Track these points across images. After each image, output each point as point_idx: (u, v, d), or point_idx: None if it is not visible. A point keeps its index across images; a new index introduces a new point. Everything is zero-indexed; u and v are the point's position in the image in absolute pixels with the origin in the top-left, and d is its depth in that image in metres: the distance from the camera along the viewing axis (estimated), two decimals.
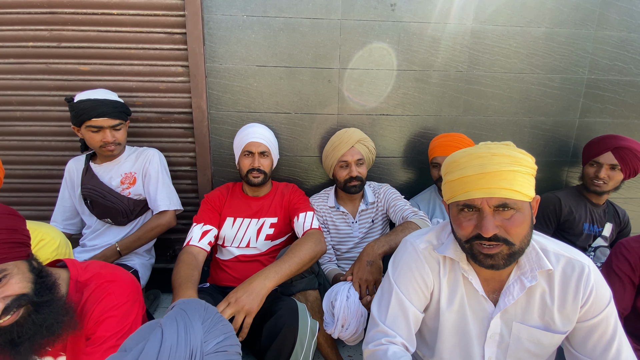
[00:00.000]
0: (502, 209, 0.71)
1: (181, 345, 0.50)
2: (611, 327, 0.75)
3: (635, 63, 1.79)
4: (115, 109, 1.42)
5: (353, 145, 1.54)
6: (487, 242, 0.72)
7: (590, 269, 0.77)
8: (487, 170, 0.71)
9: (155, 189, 1.54)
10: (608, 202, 1.74)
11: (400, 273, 0.87)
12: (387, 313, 0.84)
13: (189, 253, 1.30)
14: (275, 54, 1.66)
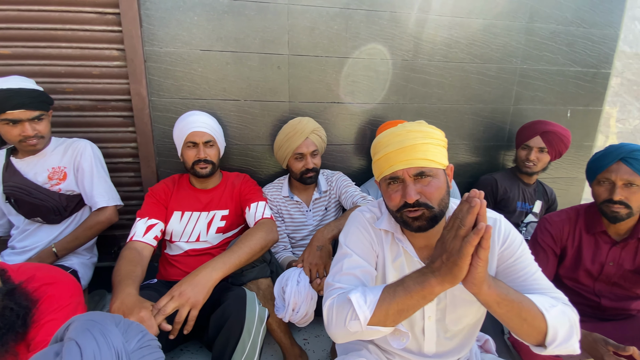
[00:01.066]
0: (421, 177, 0.81)
1: (104, 350, 0.48)
2: (529, 261, 0.85)
3: (562, 53, 1.96)
4: (33, 98, 1.28)
5: (308, 137, 1.52)
6: (412, 207, 0.80)
7: (500, 221, 0.88)
8: (405, 145, 0.81)
9: (91, 184, 1.43)
10: (538, 182, 1.92)
11: (350, 238, 0.94)
12: (341, 274, 0.88)
13: (132, 249, 1.23)
14: (221, 37, 1.59)
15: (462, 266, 0.63)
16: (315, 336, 1.49)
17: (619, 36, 1.99)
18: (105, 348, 0.48)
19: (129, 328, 0.52)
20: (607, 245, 1.27)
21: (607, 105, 2.12)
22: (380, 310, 0.74)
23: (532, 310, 0.70)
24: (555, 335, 0.71)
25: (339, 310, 0.79)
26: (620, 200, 1.16)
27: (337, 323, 0.79)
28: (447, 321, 0.91)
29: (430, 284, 0.68)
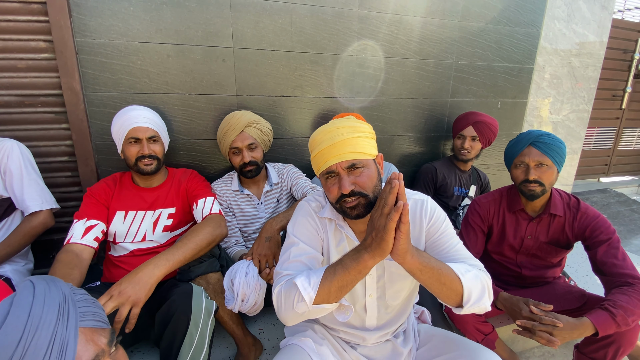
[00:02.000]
0: (352, 168, 0.88)
1: (53, 290, 0.52)
2: (451, 235, 0.96)
3: (491, 50, 2.14)
4: None
5: (243, 130, 1.51)
6: (349, 198, 0.87)
7: (427, 202, 0.99)
8: (335, 141, 0.87)
9: (21, 187, 1.33)
10: (473, 168, 2.10)
11: (297, 227, 0.99)
12: (289, 262, 0.93)
13: (69, 252, 1.18)
14: (160, 29, 1.54)
15: (388, 240, 0.71)
16: (271, 325, 1.53)
17: (541, 34, 2.22)
18: (54, 289, 0.52)
19: (74, 288, 0.57)
20: (525, 222, 1.44)
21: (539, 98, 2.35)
22: (323, 289, 0.80)
23: (450, 275, 0.81)
24: (470, 296, 0.82)
25: (286, 295, 0.84)
26: (535, 179, 1.32)
27: (286, 307, 0.84)
28: (387, 297, 1.00)
29: (364, 259, 0.76)
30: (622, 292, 1.14)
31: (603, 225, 1.30)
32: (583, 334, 1.11)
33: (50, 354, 0.47)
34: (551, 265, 1.48)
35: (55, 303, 0.51)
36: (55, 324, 0.49)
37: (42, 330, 0.48)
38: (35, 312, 0.48)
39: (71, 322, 0.51)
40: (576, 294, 1.37)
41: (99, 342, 0.53)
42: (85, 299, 0.56)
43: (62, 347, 0.49)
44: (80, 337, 0.51)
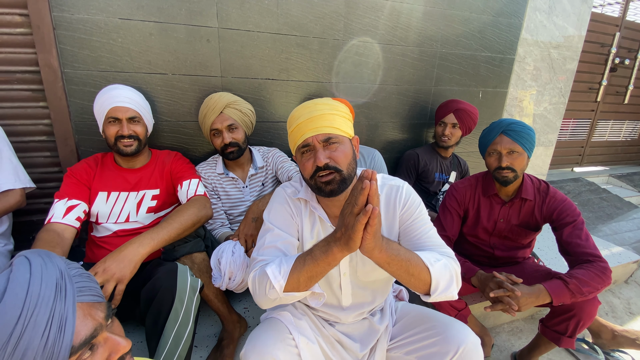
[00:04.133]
0: (328, 143, 0.91)
1: (49, 265, 0.52)
2: (425, 221, 1.00)
3: (474, 39, 2.18)
4: None
5: (222, 112, 1.51)
6: (323, 172, 0.90)
7: (403, 187, 1.02)
8: (313, 115, 0.91)
9: None
10: (454, 155, 2.16)
11: (272, 213, 1.02)
12: (264, 248, 0.95)
13: (50, 231, 1.17)
14: (142, 6, 1.49)
15: (355, 239, 0.71)
16: (255, 304, 1.57)
17: (522, 25, 2.27)
18: (50, 265, 0.52)
19: (69, 262, 0.57)
20: (498, 206, 1.52)
21: (519, 88, 2.42)
22: (292, 278, 0.82)
23: (419, 265, 0.82)
24: (437, 286, 0.84)
25: (259, 281, 0.86)
26: (507, 166, 1.39)
27: (260, 293, 0.87)
28: (359, 275, 1.04)
29: (333, 252, 0.77)
30: (580, 267, 1.24)
31: (569, 208, 1.39)
32: (539, 301, 1.20)
33: (50, 331, 0.47)
34: (521, 246, 1.57)
35: (53, 279, 0.51)
36: (54, 300, 0.49)
37: (40, 307, 0.47)
38: (33, 289, 0.48)
39: (69, 297, 0.51)
40: (543, 272, 1.47)
41: (96, 316, 0.53)
42: (81, 274, 0.56)
43: (61, 323, 0.49)
44: (78, 312, 0.51)
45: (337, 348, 1.09)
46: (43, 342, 0.46)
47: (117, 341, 0.55)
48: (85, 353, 0.51)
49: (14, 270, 0.50)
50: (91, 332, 0.51)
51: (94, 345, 0.53)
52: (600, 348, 1.63)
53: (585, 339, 1.69)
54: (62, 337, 0.48)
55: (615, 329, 1.63)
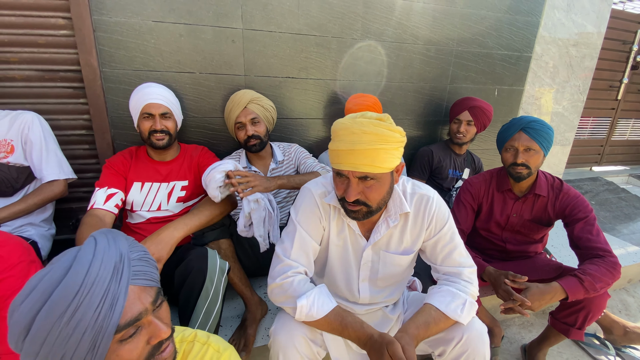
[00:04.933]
0: (364, 179, 0.89)
1: (112, 247, 0.58)
2: (449, 236, 1.05)
3: (490, 37, 2.20)
4: None
5: (245, 106, 1.61)
6: (350, 205, 0.92)
7: (433, 199, 1.05)
8: (355, 148, 0.85)
9: (40, 157, 1.42)
10: (468, 152, 2.20)
11: (301, 214, 1.04)
12: (292, 249, 1.01)
13: (93, 216, 1.29)
14: (173, 9, 1.60)
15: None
16: None
17: (540, 23, 2.28)
18: (114, 247, 0.58)
19: (135, 245, 0.63)
20: (512, 201, 1.56)
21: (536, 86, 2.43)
22: (315, 323, 0.94)
23: (447, 322, 0.98)
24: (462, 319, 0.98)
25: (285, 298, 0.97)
26: (522, 163, 1.42)
27: (279, 299, 0.98)
28: (378, 280, 1.11)
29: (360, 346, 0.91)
30: (592, 263, 1.27)
31: (582, 205, 1.42)
32: (554, 298, 1.24)
33: (102, 308, 0.52)
34: (533, 241, 1.60)
35: (112, 262, 0.56)
36: (110, 281, 0.54)
37: (96, 287, 0.52)
38: (92, 269, 0.53)
39: (124, 280, 0.56)
40: (553, 266, 1.50)
41: (144, 300, 0.58)
42: (141, 258, 0.61)
43: (113, 302, 0.53)
44: (130, 294, 0.56)
45: None
46: (95, 317, 0.52)
47: (159, 327, 0.59)
48: (129, 332, 0.56)
49: (82, 249, 0.56)
50: (137, 315, 0.56)
51: (139, 327, 0.58)
52: (612, 344, 1.65)
53: (596, 334, 1.72)
54: (111, 315, 0.53)
55: (627, 325, 1.65)
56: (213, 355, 0.74)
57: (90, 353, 0.52)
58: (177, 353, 0.70)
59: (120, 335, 0.55)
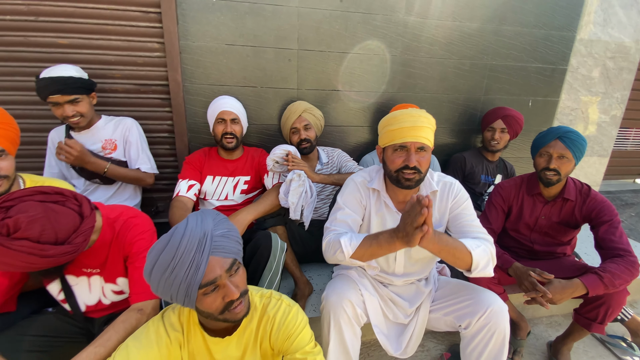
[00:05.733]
0: (420, 150, 1.15)
1: (198, 226, 0.81)
2: (470, 211, 1.26)
3: (525, 52, 2.33)
4: (67, 85, 1.52)
5: (300, 115, 1.89)
6: (409, 170, 1.15)
7: (455, 184, 1.29)
8: (416, 125, 1.13)
9: (137, 154, 1.78)
10: (501, 159, 2.32)
11: (345, 197, 1.31)
12: (336, 220, 1.27)
13: (179, 201, 1.62)
14: (242, 34, 1.92)
15: (414, 242, 0.96)
16: (318, 275, 1.91)
17: (576, 37, 2.37)
18: (200, 227, 0.80)
19: (220, 223, 0.85)
20: (541, 204, 1.69)
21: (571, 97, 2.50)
22: (358, 251, 1.13)
23: (463, 251, 1.08)
24: (477, 265, 1.10)
25: (332, 245, 1.18)
26: (554, 168, 1.55)
27: (329, 254, 1.20)
28: (412, 253, 1.32)
29: (395, 244, 1.04)
30: (612, 261, 1.39)
31: (607, 209, 1.53)
32: (575, 293, 1.37)
33: (190, 270, 0.75)
34: (561, 242, 1.71)
35: (197, 238, 0.77)
36: (195, 252, 0.75)
37: (185, 255, 0.75)
38: (182, 242, 0.76)
39: (205, 252, 0.76)
40: (579, 266, 1.61)
41: (220, 269, 0.78)
42: (223, 235, 0.82)
43: (197, 267, 0.75)
44: (210, 262, 0.76)
45: (390, 305, 1.37)
46: (185, 275, 0.75)
47: (231, 290, 0.80)
48: (209, 289, 0.78)
49: (177, 227, 0.80)
50: (213, 279, 0.77)
51: (216, 286, 0.79)
52: (639, 346, 1.71)
53: (624, 337, 1.78)
54: (196, 275, 0.75)
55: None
56: (286, 309, 0.97)
57: (187, 298, 0.78)
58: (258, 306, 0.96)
59: (202, 290, 0.77)
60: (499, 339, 1.18)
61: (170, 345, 0.89)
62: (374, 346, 1.69)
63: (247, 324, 0.95)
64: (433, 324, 1.38)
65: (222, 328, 0.92)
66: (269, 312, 0.96)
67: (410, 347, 1.34)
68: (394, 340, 1.35)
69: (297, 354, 0.92)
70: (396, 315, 1.36)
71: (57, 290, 1.12)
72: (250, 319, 0.95)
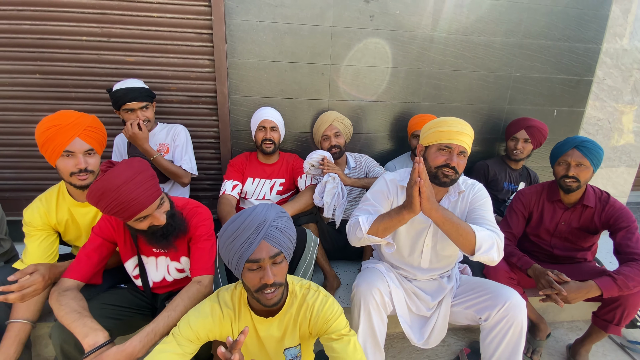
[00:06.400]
0: (461, 154, 1.30)
1: (261, 213, 0.99)
2: (486, 207, 1.38)
3: (550, 64, 2.40)
4: (141, 94, 1.81)
5: (331, 123, 2.07)
6: (448, 169, 1.29)
7: (476, 185, 1.43)
8: (463, 131, 1.28)
9: (181, 155, 2.00)
10: (524, 167, 2.40)
11: (372, 191, 1.48)
12: (360, 209, 1.43)
13: (226, 198, 1.85)
14: (281, 52, 2.15)
15: (415, 203, 1.15)
16: (345, 271, 2.07)
17: (601, 49, 2.41)
18: (262, 214, 0.98)
19: (281, 216, 1.03)
20: (561, 210, 1.77)
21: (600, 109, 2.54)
22: (374, 226, 1.28)
23: (467, 229, 1.20)
24: (480, 247, 1.21)
25: (353, 226, 1.34)
26: (573, 176, 1.64)
27: (351, 234, 1.36)
28: (438, 248, 1.46)
29: (402, 213, 1.20)
30: (627, 265, 1.46)
31: (625, 215, 1.59)
32: (590, 294, 1.44)
33: (244, 245, 0.93)
34: (581, 248, 1.78)
35: (256, 223, 0.95)
36: (252, 232, 0.94)
37: (245, 232, 0.94)
38: (244, 223, 0.95)
39: (259, 236, 0.94)
40: (598, 270, 1.67)
41: (265, 253, 0.94)
42: (278, 227, 0.99)
43: (249, 245, 0.93)
44: (260, 245, 0.93)
45: (413, 298, 1.51)
46: (240, 247, 0.93)
47: (268, 275, 0.95)
48: (252, 266, 0.95)
49: (249, 208, 1.00)
50: (257, 258, 0.93)
51: (259, 267, 0.95)
52: None
53: None
54: (247, 250, 0.93)
55: None
56: (323, 299, 1.12)
57: (237, 266, 0.96)
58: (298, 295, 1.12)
59: (248, 265, 0.94)
60: (516, 331, 1.29)
61: (223, 319, 1.08)
62: (397, 338, 1.82)
63: (287, 309, 1.11)
64: (454, 317, 1.50)
65: (265, 310, 1.09)
66: (307, 300, 1.11)
67: (432, 339, 1.47)
68: (417, 330, 1.48)
69: (334, 334, 1.06)
70: (419, 307, 1.49)
71: (132, 266, 1.35)
72: (291, 305, 1.11)
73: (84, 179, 1.33)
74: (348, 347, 1.04)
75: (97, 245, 1.27)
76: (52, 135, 1.26)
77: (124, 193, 1.06)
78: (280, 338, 1.12)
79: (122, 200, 1.07)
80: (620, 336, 1.59)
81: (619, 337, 1.92)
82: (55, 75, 2.07)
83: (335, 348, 1.04)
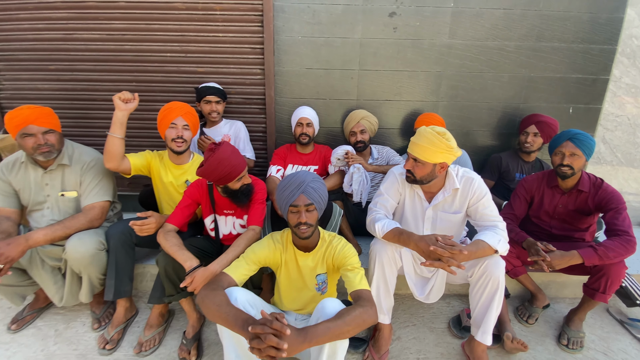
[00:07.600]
0: (415, 160, 1.60)
1: (301, 176, 1.44)
2: (487, 203, 1.66)
3: (563, 64, 2.59)
4: (218, 91, 2.41)
5: (358, 121, 2.46)
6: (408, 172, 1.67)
7: (475, 179, 1.68)
8: (416, 142, 1.58)
9: (244, 146, 2.55)
10: (537, 159, 2.60)
11: (385, 185, 1.83)
12: (377, 204, 1.80)
13: (271, 179, 2.34)
14: (318, 60, 2.60)
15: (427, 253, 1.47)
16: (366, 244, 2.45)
17: (617, 50, 2.55)
18: (302, 177, 1.43)
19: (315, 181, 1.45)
20: (559, 195, 2.01)
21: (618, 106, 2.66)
22: (386, 236, 1.63)
23: (489, 251, 1.50)
24: (498, 251, 1.53)
25: (372, 224, 1.70)
26: (568, 164, 1.88)
27: (370, 226, 1.72)
28: (437, 230, 1.77)
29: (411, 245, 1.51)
30: (609, 238, 1.69)
31: (616, 198, 1.80)
32: (572, 261, 1.69)
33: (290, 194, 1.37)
34: (577, 229, 1.99)
35: (298, 181, 1.41)
36: (294, 187, 1.37)
37: (290, 186, 1.38)
38: (291, 180, 1.40)
39: (299, 190, 1.38)
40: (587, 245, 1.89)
41: (301, 202, 1.35)
42: (313, 188, 1.42)
43: (292, 194, 1.36)
44: (299, 196, 1.35)
45: (417, 262, 1.86)
46: (287, 195, 1.38)
47: (302, 215, 1.37)
48: (293, 209, 1.38)
49: (294, 173, 1.46)
50: (296, 204, 1.35)
51: (298, 211, 1.38)
52: None
53: None
54: (291, 198, 1.36)
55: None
56: (345, 245, 1.55)
57: (284, 209, 1.42)
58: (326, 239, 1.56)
59: (291, 208, 1.38)
60: (494, 284, 1.57)
61: (275, 250, 1.56)
62: (407, 298, 2.17)
63: (319, 249, 1.56)
64: (451, 277, 1.82)
65: (303, 245, 1.54)
66: (333, 243, 1.56)
67: (432, 295, 1.81)
68: (419, 287, 1.83)
69: (349, 266, 1.48)
70: (422, 270, 1.84)
71: (210, 222, 1.88)
72: (321, 246, 1.56)
73: (180, 145, 1.92)
74: (357, 276, 1.44)
75: (188, 203, 1.80)
76: (167, 113, 1.91)
77: (232, 160, 1.60)
78: (313, 267, 1.57)
79: (233, 164, 1.60)
80: (607, 304, 1.78)
81: (619, 314, 2.09)
82: (147, 83, 2.71)
83: (348, 275, 1.45)
